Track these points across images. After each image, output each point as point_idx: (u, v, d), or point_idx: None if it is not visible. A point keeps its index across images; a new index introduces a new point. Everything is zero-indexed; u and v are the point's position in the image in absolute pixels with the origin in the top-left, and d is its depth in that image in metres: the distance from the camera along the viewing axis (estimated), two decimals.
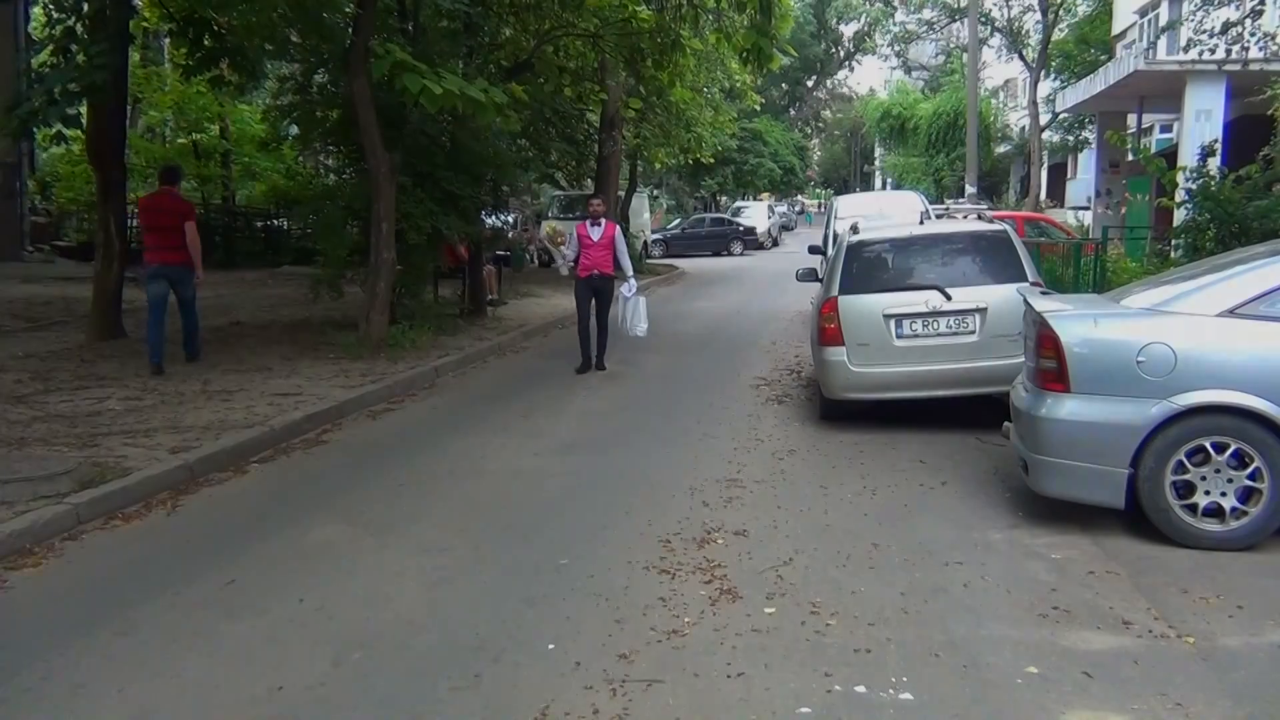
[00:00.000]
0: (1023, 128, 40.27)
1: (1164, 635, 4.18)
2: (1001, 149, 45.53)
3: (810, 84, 69.11)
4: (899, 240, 8.53)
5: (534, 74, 16.13)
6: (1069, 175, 40.09)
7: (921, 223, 9.22)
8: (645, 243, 30.57)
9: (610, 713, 3.63)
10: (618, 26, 15.61)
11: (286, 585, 4.96)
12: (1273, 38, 12.20)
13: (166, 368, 9.99)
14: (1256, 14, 12.08)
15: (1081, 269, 12.27)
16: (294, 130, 15.88)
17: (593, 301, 11.24)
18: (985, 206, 22.09)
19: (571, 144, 21.78)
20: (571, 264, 11.39)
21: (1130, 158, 21.67)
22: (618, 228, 11.48)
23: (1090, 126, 31.15)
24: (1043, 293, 6.68)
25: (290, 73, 15.15)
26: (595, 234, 11.18)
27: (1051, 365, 5.49)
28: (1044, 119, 34.40)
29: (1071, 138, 35.76)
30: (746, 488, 6.62)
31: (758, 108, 32.65)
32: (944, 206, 20.56)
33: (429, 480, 6.94)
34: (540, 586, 4.89)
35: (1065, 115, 32.03)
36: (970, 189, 26.50)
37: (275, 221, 23.72)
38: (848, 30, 63.29)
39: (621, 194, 25.28)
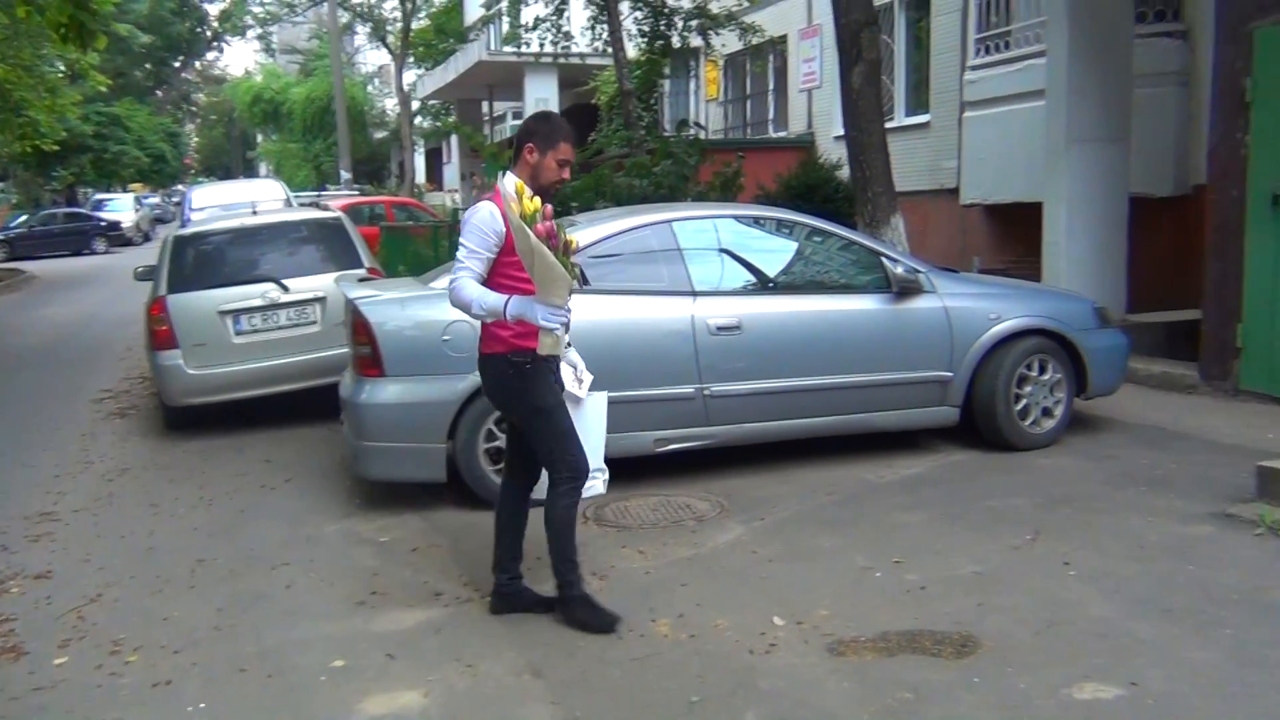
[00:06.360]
0: (397, 114, 41.25)
1: (469, 599, 4.40)
2: (380, 135, 46.28)
3: (178, 65, 64.34)
4: (230, 231, 8.13)
5: None
6: (444, 159, 41.98)
7: (254, 212, 8.89)
8: None
9: None
10: None
11: None
12: (569, 36, 13.65)
13: None
14: (560, 11, 13.45)
15: (440, 251, 12.79)
16: None
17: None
18: (356, 192, 22.27)
19: None
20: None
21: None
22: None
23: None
24: (360, 279, 6.75)
25: None
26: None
27: (366, 351, 5.54)
28: (416, 105, 35.54)
29: (440, 124, 37.38)
30: (62, 520, 5.89)
31: (104, 89, 29.50)
32: (316, 194, 20.34)
33: None
34: None
35: (434, 102, 33.37)
36: (345, 174, 26.55)
37: None
38: (213, 9, 59.90)
39: None
